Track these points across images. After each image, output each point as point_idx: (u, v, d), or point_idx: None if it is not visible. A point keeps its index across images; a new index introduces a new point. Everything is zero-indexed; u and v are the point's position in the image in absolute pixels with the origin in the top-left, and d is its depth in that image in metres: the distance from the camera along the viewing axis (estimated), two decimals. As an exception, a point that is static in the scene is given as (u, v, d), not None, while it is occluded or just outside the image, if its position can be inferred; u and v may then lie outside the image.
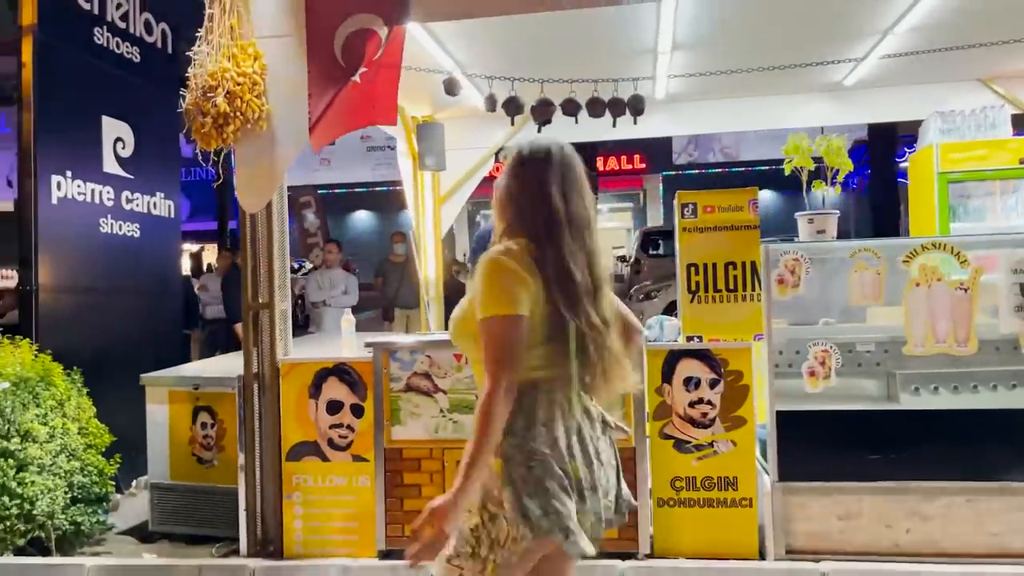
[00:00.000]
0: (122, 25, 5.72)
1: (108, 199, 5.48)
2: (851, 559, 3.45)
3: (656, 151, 25.07)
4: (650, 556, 3.60)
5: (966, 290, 3.36)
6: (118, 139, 5.64)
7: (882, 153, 14.24)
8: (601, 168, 25.79)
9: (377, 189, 24.57)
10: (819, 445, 3.53)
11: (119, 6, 5.70)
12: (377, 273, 9.31)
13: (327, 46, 3.73)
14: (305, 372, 3.83)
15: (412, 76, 4.99)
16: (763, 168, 22.18)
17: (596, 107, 4.99)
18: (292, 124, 3.73)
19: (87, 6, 5.41)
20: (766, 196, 24.99)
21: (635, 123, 5.23)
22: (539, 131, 4.95)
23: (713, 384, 3.61)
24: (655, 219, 25.47)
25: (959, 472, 3.44)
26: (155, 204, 5.95)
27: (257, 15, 3.79)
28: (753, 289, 3.64)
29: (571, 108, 5.03)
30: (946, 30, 4.83)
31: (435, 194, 6.54)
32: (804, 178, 3.88)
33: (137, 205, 5.76)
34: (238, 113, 3.64)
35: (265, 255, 3.90)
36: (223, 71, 3.62)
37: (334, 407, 3.79)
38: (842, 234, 3.86)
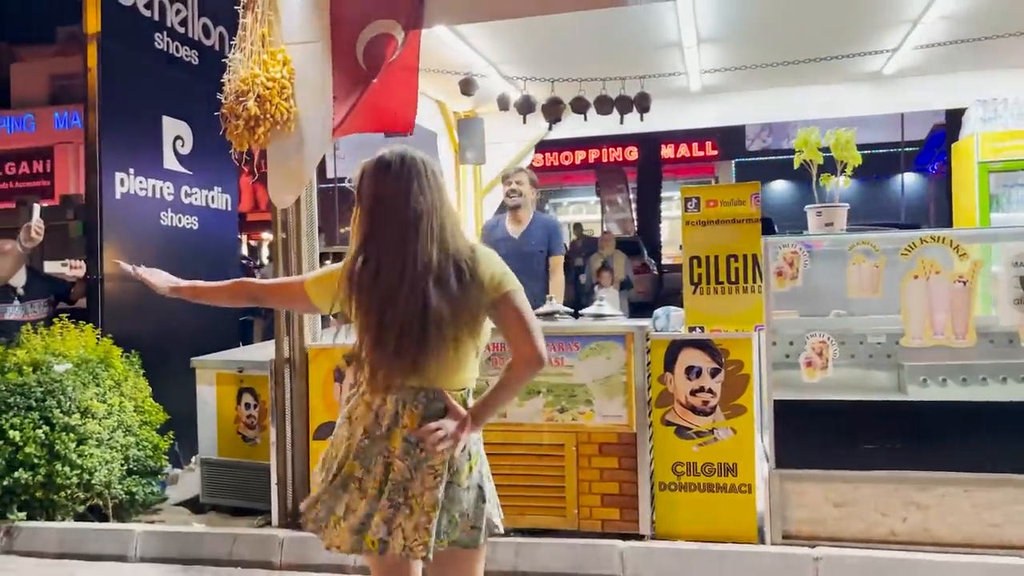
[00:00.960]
0: (181, 30, 6.11)
1: (168, 194, 5.89)
2: (846, 545, 3.51)
3: (729, 138, 24.70)
4: (651, 538, 3.74)
5: (965, 283, 3.37)
6: (177, 137, 6.04)
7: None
8: (671, 156, 25.58)
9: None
10: (816, 434, 3.60)
11: (179, 12, 6.09)
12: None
13: (350, 51, 3.97)
14: (331, 357, 4.10)
15: (452, 72, 5.22)
16: (839, 153, 21.61)
17: (604, 105, 5.10)
18: (318, 125, 3.99)
19: (148, 13, 5.81)
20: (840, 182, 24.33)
21: (641, 120, 5.31)
22: (550, 128, 5.09)
23: (714, 373, 3.72)
24: (727, 206, 25.02)
25: (961, 464, 3.46)
26: (212, 198, 6.34)
27: (286, 23, 4.05)
28: (754, 281, 3.72)
29: (580, 106, 5.15)
30: (982, 18, 4.75)
31: (476, 187, 6.75)
32: (813, 171, 3.91)
33: (195, 199, 6.16)
34: (268, 116, 3.91)
35: (295, 247, 4.18)
36: (253, 76, 3.90)
37: (355, 390, 4.05)
38: (920, 220, 3.82)
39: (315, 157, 4.07)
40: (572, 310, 4.20)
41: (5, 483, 4.22)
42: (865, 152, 4.05)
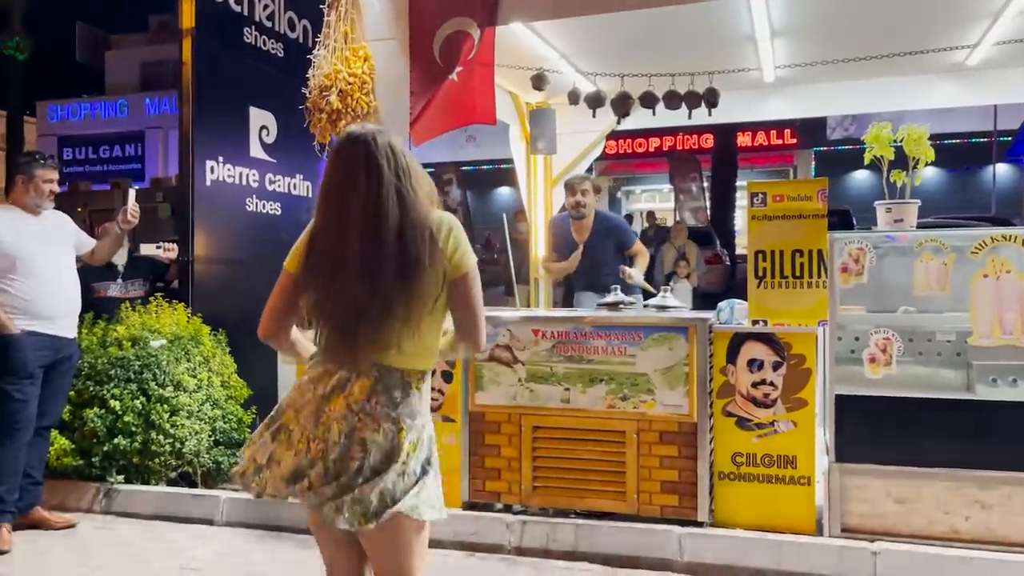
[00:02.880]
0: (268, 24, 6.40)
1: (253, 181, 6.19)
2: (906, 541, 3.53)
3: (809, 126, 24.09)
4: (709, 525, 3.82)
5: (1036, 283, 3.34)
6: (263, 127, 6.33)
7: None
8: (748, 144, 25.11)
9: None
10: (879, 429, 3.62)
11: (266, 7, 6.37)
12: (502, 250, 9.77)
13: (427, 48, 4.15)
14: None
15: (525, 65, 5.33)
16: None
17: (673, 100, 5.13)
18: (396, 118, 4.18)
19: (238, 8, 6.10)
20: (929, 172, 23.53)
21: (709, 115, 5.33)
22: (618, 123, 5.15)
23: (776, 366, 3.77)
24: (804, 196, 24.49)
25: (1027, 464, 3.43)
26: (294, 185, 6.63)
27: (368, 21, 4.26)
28: (819, 276, 3.74)
29: (649, 101, 5.20)
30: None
31: (547, 176, 6.87)
32: (884, 167, 3.90)
33: (279, 186, 6.45)
34: (349, 109, 4.13)
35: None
36: (336, 72, 4.11)
37: (425, 373, 4.24)
38: (1012, 211, 3.75)
39: (392, 149, 4.25)
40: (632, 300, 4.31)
41: (106, 448, 4.58)
42: (956, 142, 4.03)
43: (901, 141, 3.93)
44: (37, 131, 31.56)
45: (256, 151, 6.27)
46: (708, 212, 20.04)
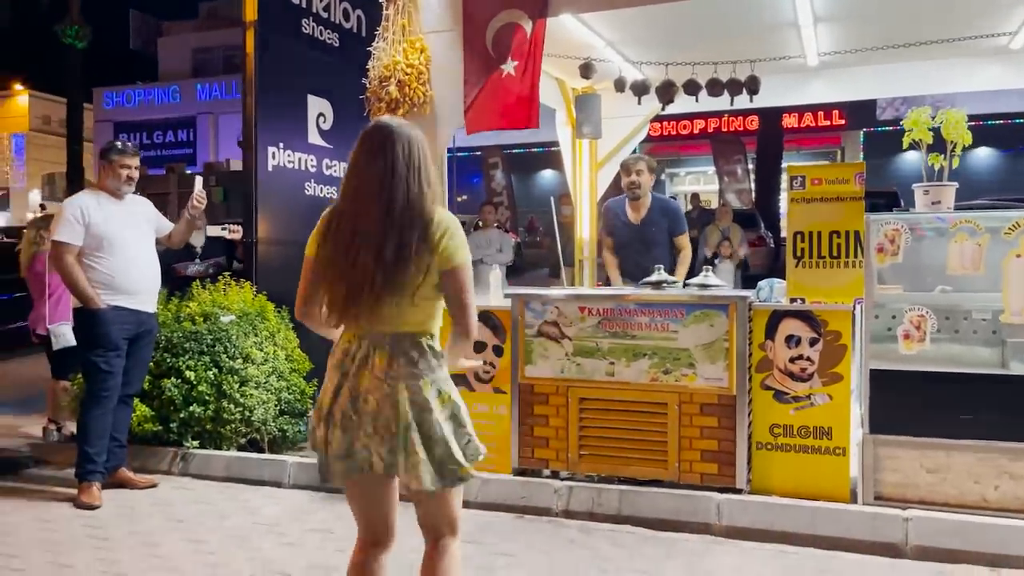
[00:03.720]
0: (325, 15, 6.67)
1: (311, 166, 6.50)
2: (937, 509, 3.70)
3: (858, 107, 23.73)
4: (747, 492, 4.03)
5: (1068, 263, 3.46)
6: (320, 114, 6.62)
7: None
8: (795, 126, 24.84)
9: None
10: (912, 403, 3.78)
11: (323, -2, 6.66)
12: (546, 232, 9.99)
13: (480, 39, 4.37)
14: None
15: (572, 52, 5.53)
16: (977, 123, 20.53)
17: (715, 87, 5.28)
18: (450, 107, 4.42)
19: (297, 1, 6.39)
20: (982, 153, 23.09)
21: (751, 101, 5.46)
22: (662, 109, 5.30)
23: (813, 342, 3.94)
24: (851, 179, 24.16)
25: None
26: (350, 170, 6.92)
27: (424, 13, 4.49)
28: (856, 256, 3.90)
29: (692, 88, 5.36)
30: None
31: (592, 159, 7.06)
32: (923, 151, 4.03)
33: (335, 171, 6.74)
34: (406, 99, 4.38)
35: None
36: (394, 63, 4.36)
37: (479, 347, 4.50)
38: None
39: (446, 136, 4.52)
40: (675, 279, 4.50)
41: (182, 416, 4.93)
42: (1007, 123, 4.10)
43: (940, 125, 4.05)
44: (94, 117, 32.55)
45: (314, 137, 6.57)
46: (752, 194, 19.95)
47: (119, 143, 4.77)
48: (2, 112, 37.32)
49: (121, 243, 4.53)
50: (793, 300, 4.04)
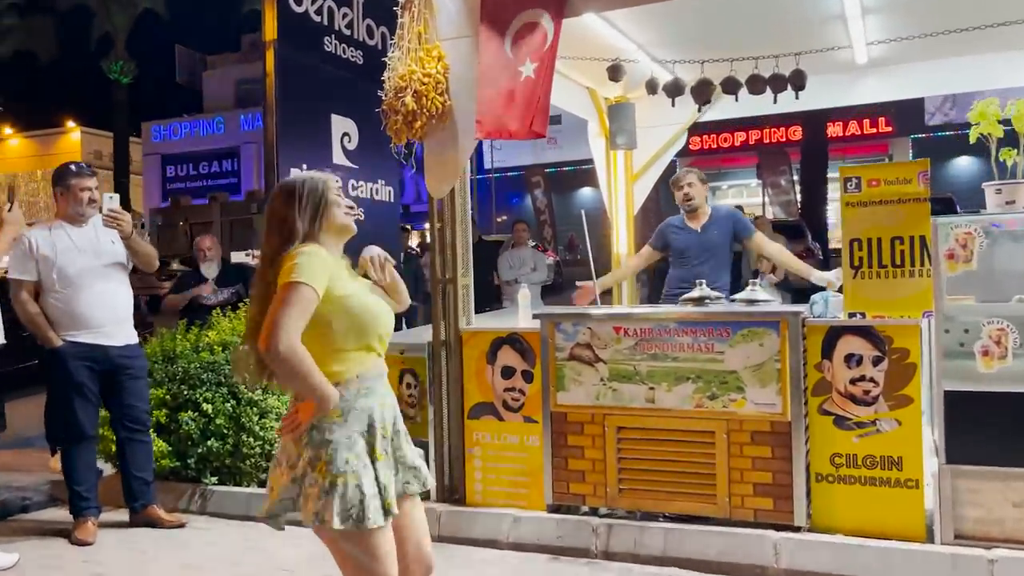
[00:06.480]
0: (347, 32, 6.47)
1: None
2: (1028, 549, 3.26)
3: (905, 112, 23.11)
4: (807, 530, 3.62)
5: None
6: (344, 134, 6.41)
7: None
8: (840, 134, 24.22)
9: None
10: (994, 428, 3.35)
11: (345, 15, 6.46)
12: (583, 249, 9.68)
13: (498, 40, 4.07)
14: (483, 340, 4.26)
15: (600, 57, 5.23)
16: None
17: (757, 84, 4.90)
18: (471, 117, 4.13)
19: (318, 19, 6.20)
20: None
21: (796, 98, 5.06)
22: (699, 111, 4.94)
23: (876, 361, 3.54)
24: (901, 186, 23.46)
25: None
26: (377, 190, 6.69)
27: (441, 19, 4.22)
28: (922, 264, 3.49)
29: (731, 86, 4.99)
30: None
31: (627, 172, 6.72)
32: (992, 146, 3.62)
33: (361, 192, 6.52)
34: (424, 110, 4.09)
35: (450, 236, 4.36)
36: (410, 73, 4.09)
37: (507, 372, 4.18)
38: None
39: (468, 148, 4.22)
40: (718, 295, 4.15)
41: (200, 450, 4.70)
42: None
43: (1011, 117, 3.64)
44: (143, 151, 33.28)
45: (339, 158, 6.35)
46: (799, 205, 19.40)
47: (73, 165, 4.50)
48: (56, 149, 38.35)
49: (77, 274, 4.24)
50: (852, 315, 3.64)
